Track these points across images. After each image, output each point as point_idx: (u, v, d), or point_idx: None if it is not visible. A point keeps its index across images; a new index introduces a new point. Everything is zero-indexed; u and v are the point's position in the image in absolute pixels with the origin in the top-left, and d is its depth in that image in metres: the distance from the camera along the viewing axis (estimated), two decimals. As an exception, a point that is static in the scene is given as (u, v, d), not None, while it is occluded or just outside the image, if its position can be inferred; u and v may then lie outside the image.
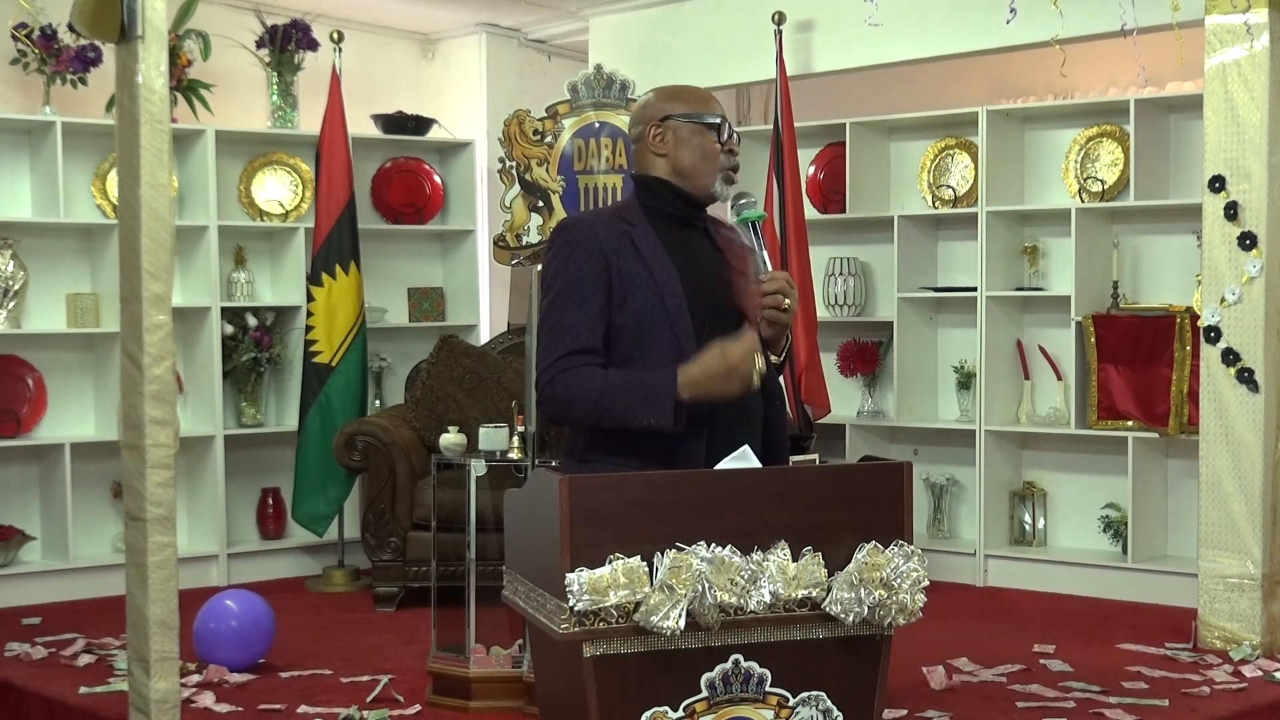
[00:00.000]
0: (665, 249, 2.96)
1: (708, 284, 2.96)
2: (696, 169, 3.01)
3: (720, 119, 3.03)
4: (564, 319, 2.90)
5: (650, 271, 2.92)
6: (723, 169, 3.03)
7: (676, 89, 3.10)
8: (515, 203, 6.16)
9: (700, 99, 3.06)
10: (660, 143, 3.03)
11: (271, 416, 6.58)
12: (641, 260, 2.92)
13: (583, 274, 2.91)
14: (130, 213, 3.25)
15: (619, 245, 2.93)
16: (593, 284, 2.90)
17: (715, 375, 2.80)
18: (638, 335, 2.90)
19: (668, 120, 3.02)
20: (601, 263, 2.91)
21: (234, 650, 4.55)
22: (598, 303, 2.89)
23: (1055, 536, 6.20)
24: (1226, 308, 4.84)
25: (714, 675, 2.59)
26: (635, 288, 2.91)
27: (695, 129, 3.01)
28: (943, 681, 4.38)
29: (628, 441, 2.87)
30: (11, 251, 5.90)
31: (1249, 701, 4.25)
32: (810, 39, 6.53)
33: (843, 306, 6.57)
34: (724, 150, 3.02)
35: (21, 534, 5.87)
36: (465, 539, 4.37)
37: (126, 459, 3.29)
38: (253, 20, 6.54)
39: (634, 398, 2.82)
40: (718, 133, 3.02)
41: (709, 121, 3.01)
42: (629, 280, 2.91)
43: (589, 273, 2.90)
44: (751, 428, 2.96)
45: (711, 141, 3.01)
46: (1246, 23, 4.76)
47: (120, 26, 3.19)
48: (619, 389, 2.84)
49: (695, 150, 3.01)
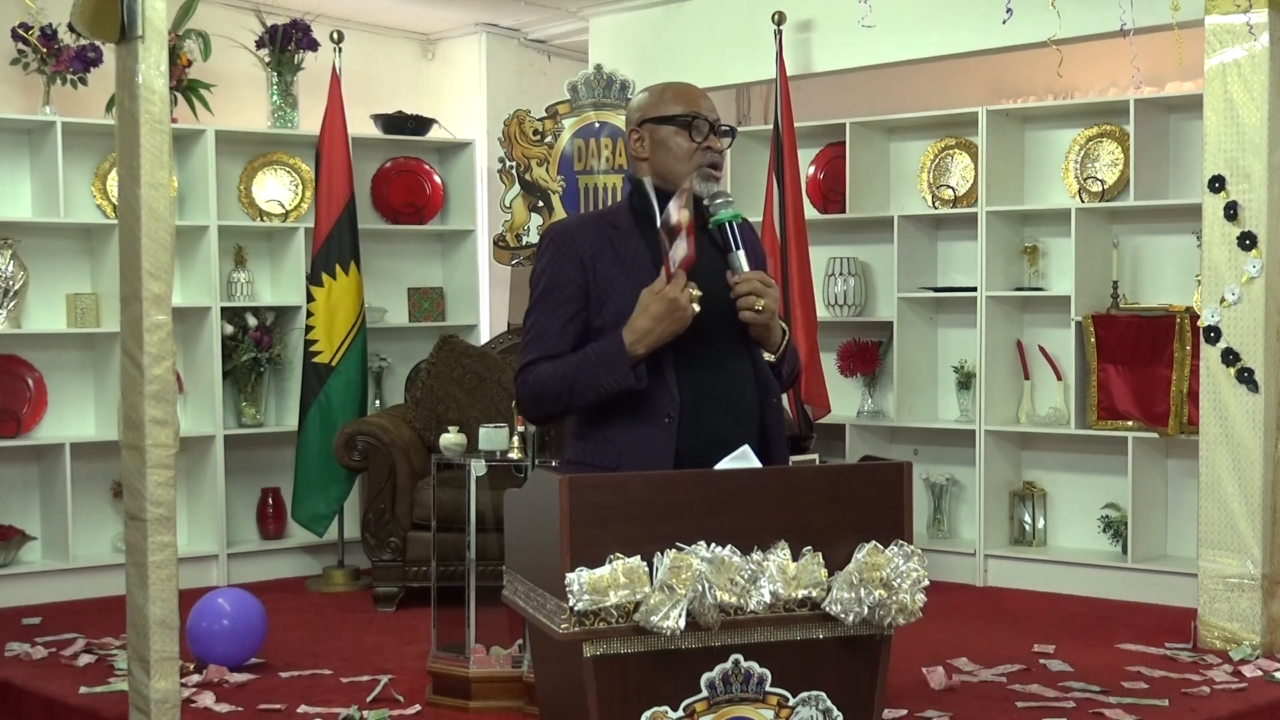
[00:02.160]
0: (651, 251, 2.97)
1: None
2: (673, 170, 3.01)
3: (692, 116, 3.00)
4: (536, 325, 2.98)
5: (628, 274, 2.94)
6: (697, 166, 3.00)
7: (656, 90, 3.08)
8: (515, 203, 6.17)
9: (677, 97, 3.03)
10: (641, 147, 3.05)
11: (271, 416, 6.58)
12: (621, 263, 2.94)
13: (558, 280, 2.97)
14: (130, 213, 3.25)
15: (599, 249, 2.97)
16: (566, 290, 2.96)
17: (656, 316, 2.83)
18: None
19: (644, 124, 3.03)
20: (578, 268, 2.96)
21: (227, 648, 4.56)
22: (571, 308, 2.95)
23: (1055, 536, 6.20)
24: (1226, 308, 4.85)
25: (714, 675, 2.59)
26: (613, 290, 2.94)
27: (670, 130, 3.00)
28: (943, 681, 4.38)
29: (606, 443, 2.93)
30: (11, 251, 5.91)
31: (1249, 701, 4.25)
32: (810, 39, 6.53)
33: (843, 306, 6.57)
34: (700, 147, 3.00)
35: (21, 534, 5.87)
36: (465, 539, 4.37)
37: (126, 459, 3.29)
38: (253, 20, 6.54)
39: (591, 368, 2.87)
40: (690, 130, 3.00)
41: (680, 120, 3.00)
42: (606, 284, 2.95)
43: (563, 279, 2.96)
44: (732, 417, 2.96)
45: (684, 140, 3.00)
46: (1247, 23, 4.76)
47: (120, 26, 3.19)
48: (577, 367, 2.89)
49: (670, 152, 3.01)
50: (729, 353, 2.99)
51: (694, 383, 2.95)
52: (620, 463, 2.92)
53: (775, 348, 3.00)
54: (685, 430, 2.91)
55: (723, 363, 2.98)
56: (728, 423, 2.94)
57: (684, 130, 3.00)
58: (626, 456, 2.91)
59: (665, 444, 2.90)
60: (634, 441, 2.92)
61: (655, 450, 2.90)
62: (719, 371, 2.98)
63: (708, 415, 2.94)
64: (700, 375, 2.96)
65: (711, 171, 3.01)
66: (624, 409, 2.92)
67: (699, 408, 2.93)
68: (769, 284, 2.91)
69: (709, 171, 3.01)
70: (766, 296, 2.89)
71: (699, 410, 2.93)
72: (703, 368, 2.96)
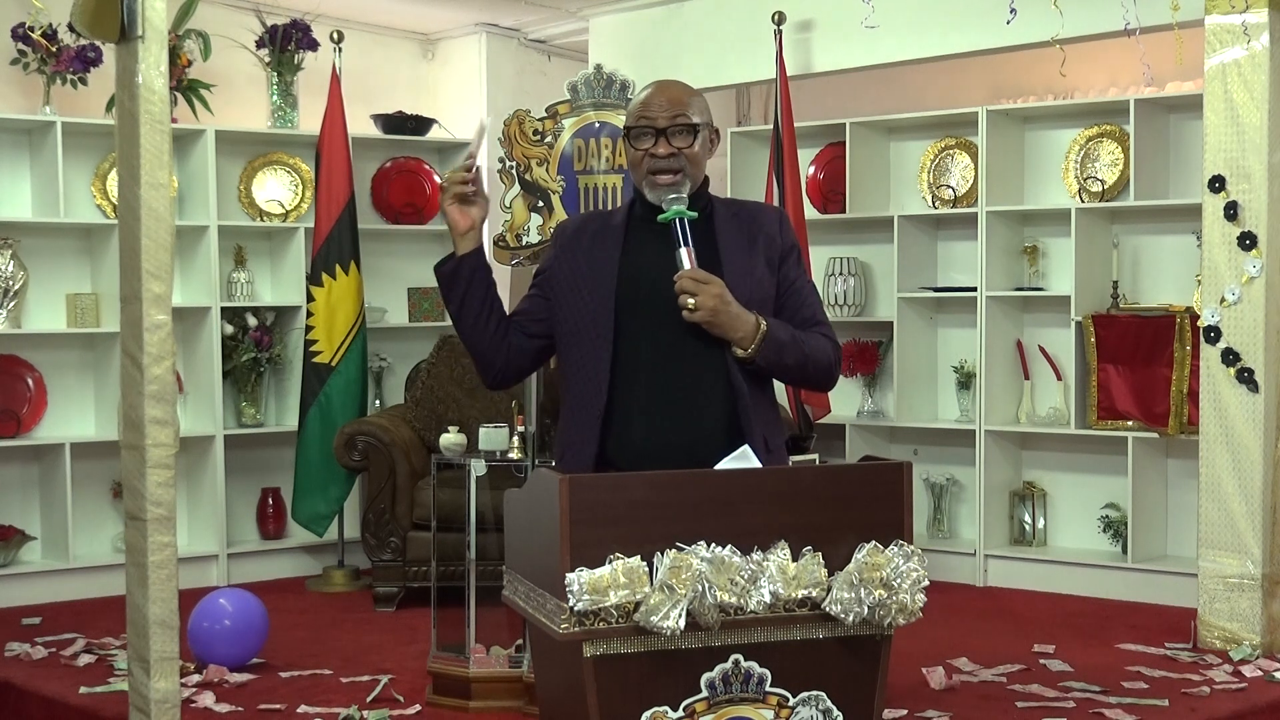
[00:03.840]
0: (634, 248, 3.04)
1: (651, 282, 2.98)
2: (636, 179, 3.09)
3: (631, 126, 3.04)
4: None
5: (592, 267, 3.05)
6: (645, 174, 3.04)
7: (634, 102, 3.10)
8: (515, 203, 6.16)
9: (637, 106, 3.07)
10: (625, 159, 3.19)
11: (271, 416, 6.58)
12: (591, 257, 3.05)
13: (540, 267, 3.20)
14: (130, 213, 3.25)
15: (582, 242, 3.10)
16: (540, 275, 3.17)
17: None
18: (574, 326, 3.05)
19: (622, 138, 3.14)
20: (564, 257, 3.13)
21: (228, 648, 4.56)
22: (537, 291, 3.16)
23: (1055, 536, 6.20)
24: (1226, 308, 4.85)
25: (714, 675, 2.59)
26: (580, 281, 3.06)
27: (629, 142, 3.05)
28: (943, 681, 4.38)
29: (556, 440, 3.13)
30: (11, 251, 5.91)
31: (1249, 701, 4.25)
32: (810, 39, 6.53)
33: (843, 306, 6.57)
34: (647, 154, 3.02)
35: (21, 534, 5.87)
36: (465, 539, 4.37)
37: (126, 459, 3.29)
38: (253, 20, 6.54)
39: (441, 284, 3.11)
40: (630, 141, 3.04)
41: (627, 133, 3.05)
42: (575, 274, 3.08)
43: (544, 265, 3.18)
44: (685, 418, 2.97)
45: (631, 149, 3.06)
46: (1245, 23, 4.76)
47: (120, 26, 3.19)
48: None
49: (631, 162, 3.09)
50: (689, 352, 2.97)
51: (644, 383, 2.98)
52: (560, 459, 3.05)
53: (745, 344, 2.94)
54: (615, 429, 2.97)
55: (680, 362, 2.98)
56: (677, 423, 2.96)
57: (630, 142, 3.06)
58: (563, 453, 3.05)
59: (588, 443, 2.98)
60: (568, 439, 3.05)
61: (579, 448, 3.00)
62: (675, 371, 2.98)
63: (656, 415, 2.96)
64: (654, 375, 2.98)
65: (655, 179, 3.03)
66: (568, 407, 3.06)
67: (644, 407, 2.96)
68: (705, 280, 2.90)
69: (653, 180, 3.04)
70: (701, 293, 2.88)
71: (646, 410, 2.96)
72: (658, 368, 2.98)
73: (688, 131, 3.03)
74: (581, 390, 3.02)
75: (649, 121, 3.02)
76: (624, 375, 2.99)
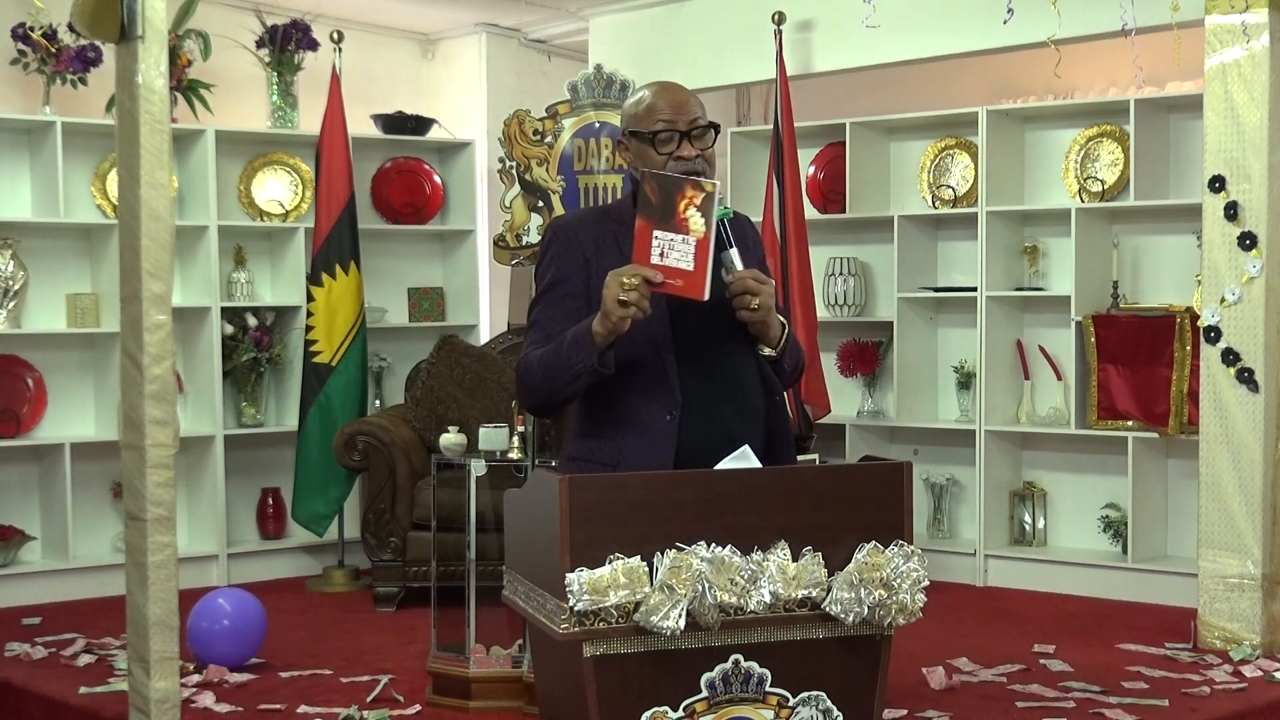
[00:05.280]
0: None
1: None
2: None
3: (656, 130, 2.99)
4: (539, 318, 3.01)
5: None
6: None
7: (635, 99, 3.06)
8: (515, 203, 6.16)
9: (649, 110, 3.01)
10: (628, 156, 3.06)
11: (271, 416, 6.58)
12: (622, 258, 2.91)
13: (562, 274, 3.00)
14: (130, 213, 3.25)
15: (600, 245, 2.99)
16: (569, 284, 2.99)
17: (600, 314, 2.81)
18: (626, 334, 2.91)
19: (625, 138, 3.05)
20: (580, 263, 2.99)
21: (228, 648, 4.56)
22: (573, 302, 2.97)
23: (1055, 536, 6.20)
24: (1226, 308, 4.85)
25: (714, 675, 2.59)
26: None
27: (644, 143, 3.00)
28: (943, 681, 4.38)
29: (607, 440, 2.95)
30: (11, 251, 5.91)
31: (1249, 701, 4.25)
32: (810, 39, 6.53)
33: (843, 306, 6.57)
34: (672, 157, 2.98)
35: (21, 534, 5.87)
36: (465, 539, 4.37)
37: (126, 459, 3.29)
38: (253, 20, 6.54)
39: (566, 350, 2.86)
40: (654, 145, 2.99)
41: (645, 136, 2.99)
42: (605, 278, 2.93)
43: (566, 273, 2.99)
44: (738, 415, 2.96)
45: (654, 153, 2.99)
46: (1245, 23, 4.76)
47: (120, 26, 3.19)
48: (555, 349, 2.90)
49: (647, 163, 2.99)
50: (730, 350, 3.00)
51: (697, 381, 2.95)
52: (620, 460, 2.92)
53: (775, 343, 2.99)
54: (687, 428, 2.92)
55: (724, 361, 2.99)
56: (733, 420, 2.95)
57: (652, 145, 3.00)
58: (626, 454, 2.92)
59: (666, 442, 2.90)
60: (634, 439, 2.92)
61: (655, 448, 2.90)
62: (721, 369, 2.98)
63: (712, 413, 2.94)
64: (703, 373, 2.96)
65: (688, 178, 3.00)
66: (626, 406, 2.93)
67: (702, 405, 2.94)
68: (763, 281, 2.90)
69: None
70: (761, 294, 2.88)
71: (703, 408, 2.94)
72: (705, 366, 2.97)
73: (706, 132, 3.04)
74: (643, 394, 2.93)
75: (670, 125, 2.99)
76: (689, 376, 2.95)
